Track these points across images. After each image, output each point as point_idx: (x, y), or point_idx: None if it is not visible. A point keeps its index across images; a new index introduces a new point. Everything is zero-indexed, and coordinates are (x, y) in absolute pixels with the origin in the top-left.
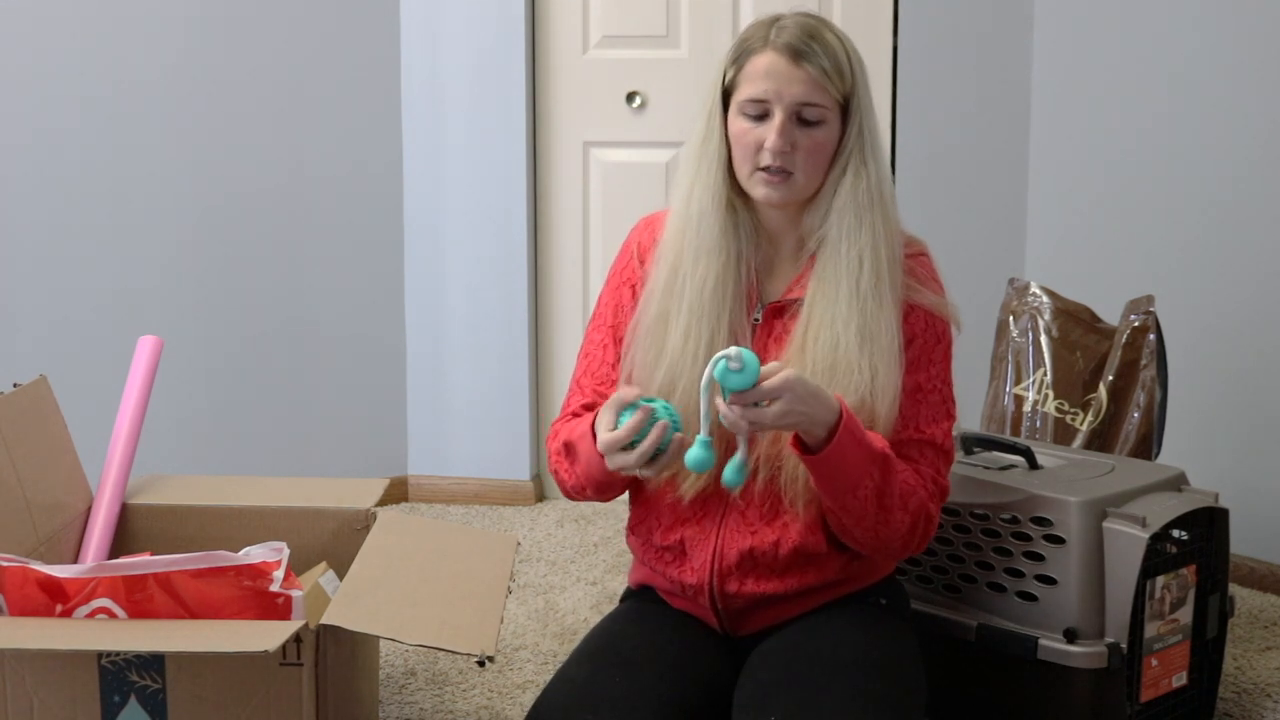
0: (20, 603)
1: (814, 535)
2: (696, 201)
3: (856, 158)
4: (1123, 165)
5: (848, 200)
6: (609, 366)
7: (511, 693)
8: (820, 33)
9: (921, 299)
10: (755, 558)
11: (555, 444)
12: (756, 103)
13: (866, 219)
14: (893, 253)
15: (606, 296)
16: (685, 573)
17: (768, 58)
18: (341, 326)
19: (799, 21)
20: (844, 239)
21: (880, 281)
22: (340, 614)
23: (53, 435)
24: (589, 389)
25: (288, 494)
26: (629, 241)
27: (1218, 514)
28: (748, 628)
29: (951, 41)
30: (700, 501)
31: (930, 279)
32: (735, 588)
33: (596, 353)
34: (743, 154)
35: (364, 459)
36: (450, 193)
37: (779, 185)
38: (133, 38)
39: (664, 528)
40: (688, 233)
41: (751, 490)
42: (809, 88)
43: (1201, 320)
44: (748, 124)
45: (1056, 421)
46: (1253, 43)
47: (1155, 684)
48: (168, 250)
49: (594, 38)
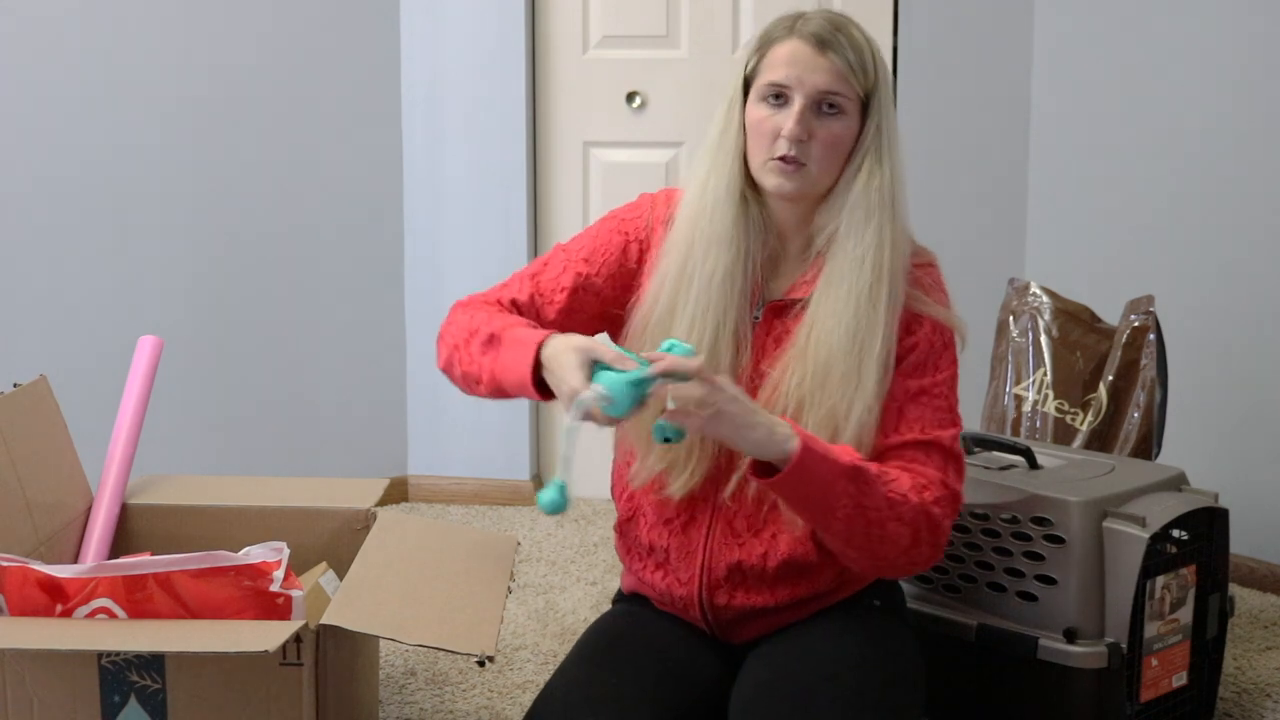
0: (20, 603)
1: (803, 545)
2: (711, 192)
3: (872, 157)
4: (1123, 165)
5: (859, 199)
6: (561, 290)
7: (511, 693)
8: (846, 27)
9: (926, 309)
10: (744, 570)
11: (468, 319)
12: (777, 87)
13: (874, 220)
14: (897, 259)
15: (596, 230)
16: (673, 584)
17: (792, 45)
18: (341, 327)
19: (826, 15)
20: (851, 238)
21: (879, 284)
22: (340, 614)
23: (53, 435)
24: (529, 291)
25: (288, 494)
26: (642, 203)
27: (1218, 514)
28: (740, 636)
29: (951, 41)
30: (688, 506)
31: (937, 290)
32: (725, 600)
33: (556, 268)
34: (759, 141)
35: (364, 459)
36: (450, 193)
37: (792, 174)
38: (132, 38)
39: (649, 525)
40: (700, 222)
41: (744, 495)
42: (831, 77)
43: (1201, 320)
44: (766, 110)
45: (1056, 421)
46: (1253, 42)
47: (1155, 684)
48: (168, 250)
49: (594, 38)
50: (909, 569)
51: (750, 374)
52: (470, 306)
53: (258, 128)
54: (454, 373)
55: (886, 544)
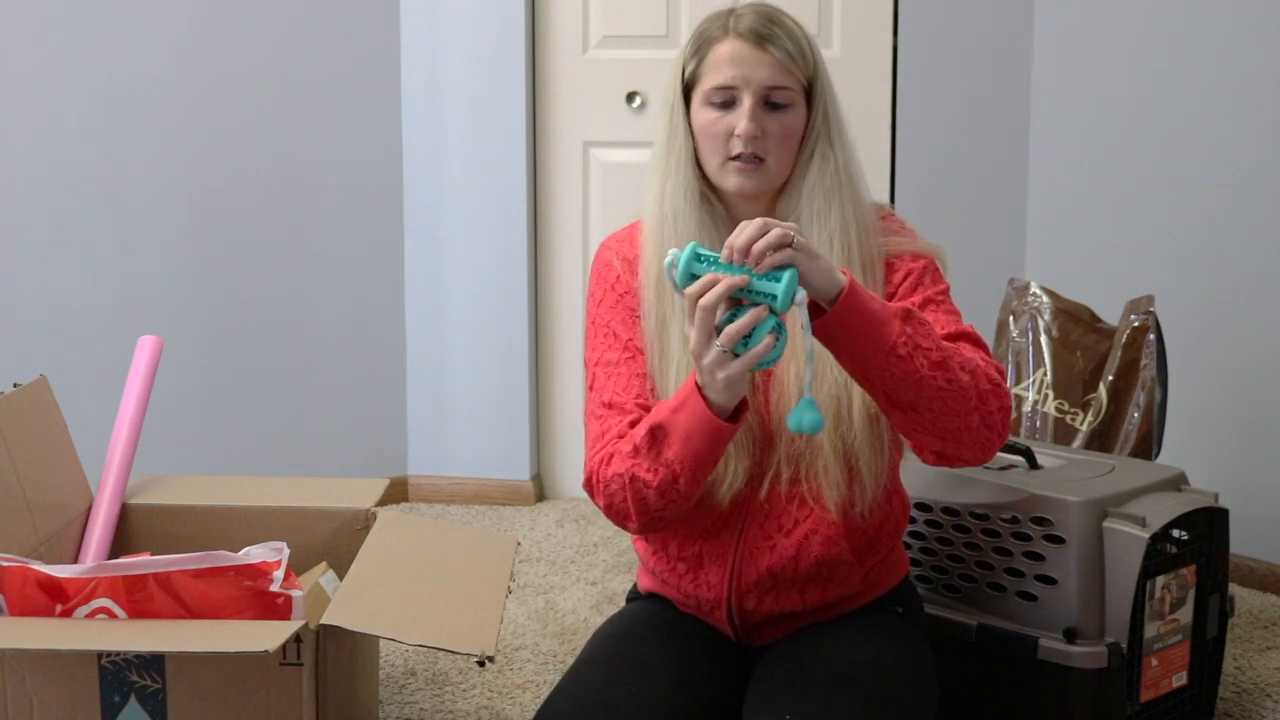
0: (20, 603)
1: (836, 545)
2: (670, 200)
3: (824, 142)
4: (1123, 165)
5: (816, 184)
6: (641, 379)
7: (511, 693)
8: (779, 17)
9: (899, 247)
10: (775, 574)
11: (620, 458)
12: (723, 89)
13: (835, 202)
14: (865, 230)
15: (605, 314)
16: (701, 587)
17: (731, 45)
18: (341, 326)
19: (756, 9)
20: (814, 223)
21: (851, 262)
22: (340, 614)
23: (53, 435)
24: (630, 405)
25: (288, 494)
26: (602, 260)
27: (1218, 514)
28: (764, 639)
29: (951, 41)
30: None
31: (901, 229)
32: (754, 604)
33: (623, 368)
34: (712, 145)
35: (364, 459)
36: (450, 193)
37: (752, 173)
38: (132, 38)
39: (681, 538)
40: (664, 232)
41: (778, 491)
42: (775, 71)
43: (1201, 320)
44: (715, 113)
45: (1056, 421)
46: (1253, 42)
47: (1155, 684)
48: (167, 251)
49: (594, 38)
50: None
51: None
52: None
53: (257, 127)
54: (659, 501)
55: (955, 394)
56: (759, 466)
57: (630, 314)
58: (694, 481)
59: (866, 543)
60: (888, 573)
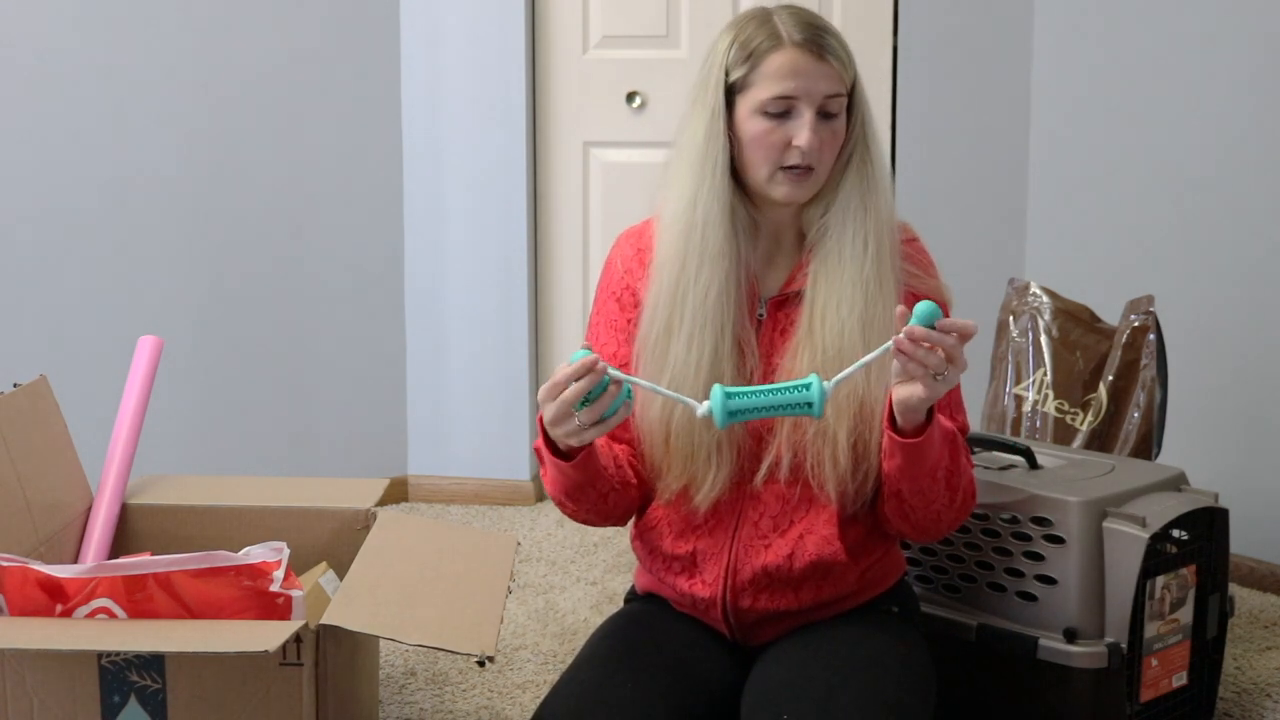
0: (20, 603)
1: (831, 545)
2: (703, 208)
3: (862, 145)
4: (1123, 165)
5: (854, 187)
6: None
7: (511, 693)
8: (826, 24)
9: (922, 285)
10: (770, 573)
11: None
12: (782, 100)
13: (871, 204)
14: (893, 238)
15: (597, 320)
16: (696, 586)
17: (789, 54)
18: (341, 326)
19: (798, 15)
20: (848, 225)
21: (882, 266)
22: (340, 614)
23: (53, 435)
24: None
25: (288, 494)
26: (609, 260)
27: (1218, 514)
28: (760, 638)
29: (951, 41)
30: (713, 510)
31: (928, 264)
32: (749, 603)
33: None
34: (765, 155)
35: (364, 459)
36: (450, 193)
37: (804, 182)
38: (132, 38)
39: (674, 535)
40: (691, 239)
41: (777, 481)
42: (833, 81)
43: (1201, 320)
44: (769, 123)
45: (1056, 421)
46: (1253, 42)
47: (1155, 684)
48: (168, 250)
49: (594, 38)
50: (948, 532)
51: (762, 371)
52: None
53: (257, 128)
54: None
55: (953, 511)
56: (746, 470)
57: (622, 325)
58: (578, 500)
59: (861, 543)
60: (884, 573)
